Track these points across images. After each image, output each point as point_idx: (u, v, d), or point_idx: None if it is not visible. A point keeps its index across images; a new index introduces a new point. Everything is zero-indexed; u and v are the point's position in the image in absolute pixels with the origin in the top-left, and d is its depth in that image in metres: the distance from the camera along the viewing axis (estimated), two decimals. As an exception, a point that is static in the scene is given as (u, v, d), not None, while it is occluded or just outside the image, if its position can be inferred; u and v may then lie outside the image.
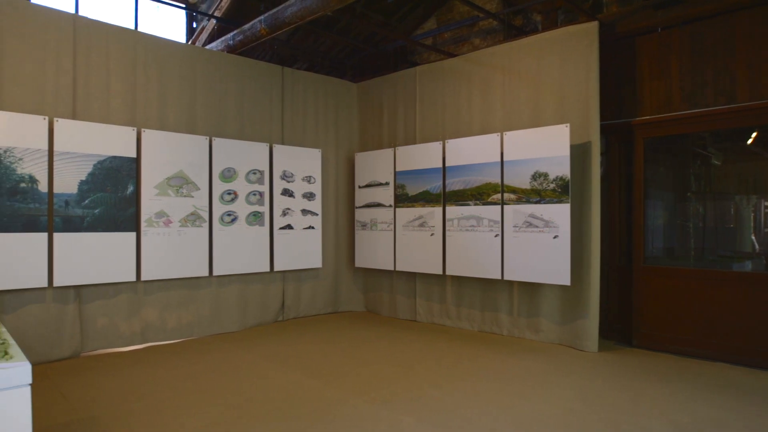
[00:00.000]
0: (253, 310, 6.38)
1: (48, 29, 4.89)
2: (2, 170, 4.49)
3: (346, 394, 3.92)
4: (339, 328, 6.30)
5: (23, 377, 1.93)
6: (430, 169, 6.32)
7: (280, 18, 5.51)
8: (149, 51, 5.53)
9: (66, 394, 3.94)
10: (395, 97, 7.06)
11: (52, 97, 4.89)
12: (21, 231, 4.59)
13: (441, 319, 6.49)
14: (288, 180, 6.56)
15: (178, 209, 5.53)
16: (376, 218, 6.96)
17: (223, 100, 6.11)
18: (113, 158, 5.10)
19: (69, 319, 4.95)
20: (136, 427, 3.30)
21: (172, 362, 4.83)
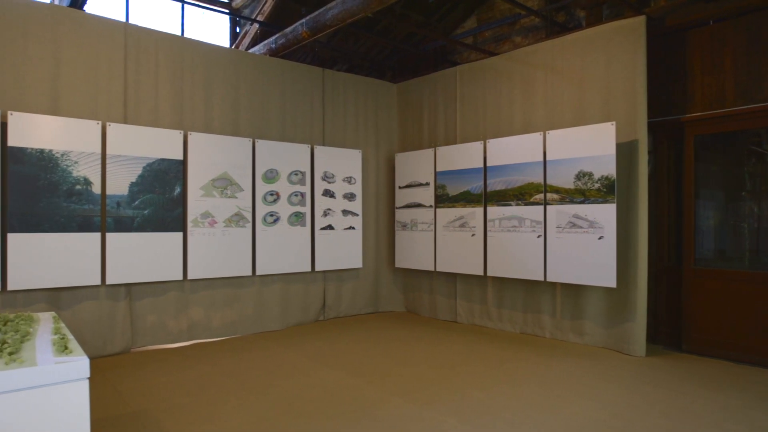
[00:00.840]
0: (295, 310, 6.47)
1: (101, 38, 5.08)
2: (60, 173, 4.70)
3: (388, 394, 3.93)
4: (379, 328, 6.32)
5: (82, 371, 2.01)
6: (470, 169, 6.27)
7: (321, 21, 5.57)
8: (195, 56, 5.69)
9: (118, 387, 4.09)
10: (435, 97, 7.03)
11: (105, 102, 5.08)
12: (76, 231, 4.80)
13: (482, 320, 6.43)
14: (329, 181, 6.62)
15: (222, 210, 5.67)
16: (416, 219, 6.95)
17: (265, 103, 6.23)
18: (161, 160, 5.27)
19: (120, 316, 5.13)
20: (185, 422, 3.40)
21: (217, 359, 4.95)
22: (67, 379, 1.98)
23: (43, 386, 1.94)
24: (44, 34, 4.78)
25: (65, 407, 1.99)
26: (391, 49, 8.60)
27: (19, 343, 2.17)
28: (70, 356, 2.05)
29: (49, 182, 4.66)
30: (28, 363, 1.94)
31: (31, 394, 1.92)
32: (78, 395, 2.00)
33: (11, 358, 1.95)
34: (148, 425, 3.35)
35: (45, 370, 1.93)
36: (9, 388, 1.88)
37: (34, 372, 1.91)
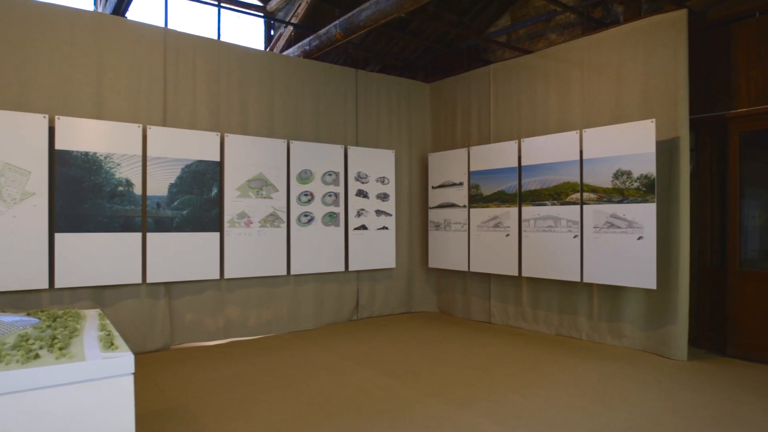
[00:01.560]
0: (329, 309, 6.52)
1: (142, 44, 5.23)
2: (103, 175, 4.86)
3: (422, 394, 3.93)
4: (413, 328, 6.32)
5: (127, 366, 2.07)
6: (505, 168, 6.21)
7: (355, 22, 5.60)
8: (231, 59, 5.80)
9: (159, 383, 4.20)
10: (469, 96, 6.99)
11: (146, 105, 5.23)
12: (119, 231, 4.95)
13: (516, 321, 6.35)
14: (362, 181, 6.66)
15: (258, 210, 5.76)
16: (450, 219, 6.92)
17: (299, 104, 6.30)
18: (199, 162, 5.39)
19: (160, 314, 5.27)
20: (223, 418, 3.47)
21: (253, 357, 5.03)
22: (114, 374, 2.04)
23: (91, 381, 2.01)
24: (89, 41, 4.94)
25: (111, 401, 2.05)
26: (423, 49, 8.59)
27: (68, 338, 2.26)
28: (116, 352, 2.12)
29: (94, 184, 4.82)
30: (77, 358, 2.01)
31: (79, 387, 1.99)
32: (123, 390, 2.07)
33: (61, 353, 2.03)
34: (188, 420, 3.43)
35: (93, 365, 2.00)
36: (59, 381, 1.96)
37: (82, 367, 1.98)
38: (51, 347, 2.11)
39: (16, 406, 1.90)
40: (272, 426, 3.34)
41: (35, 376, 1.92)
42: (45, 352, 2.07)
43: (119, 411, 2.08)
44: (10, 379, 1.89)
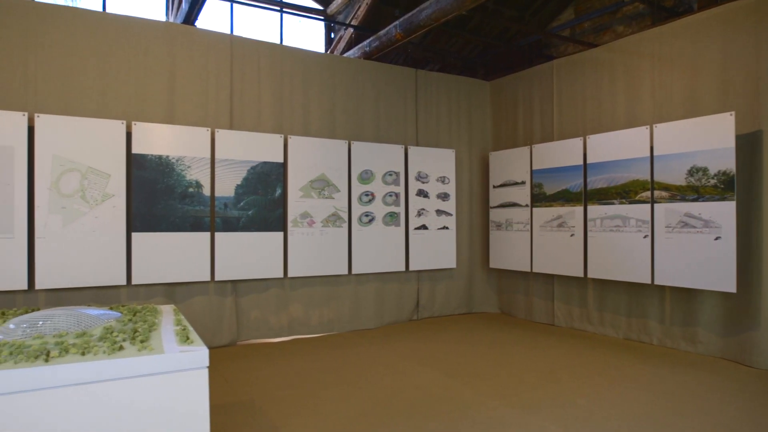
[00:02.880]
0: (390, 309, 6.55)
1: (210, 50, 5.44)
2: (175, 177, 5.09)
3: (486, 396, 3.87)
4: (474, 329, 6.25)
5: (202, 360, 2.16)
6: (569, 166, 6.03)
7: (415, 21, 5.60)
8: (294, 63, 5.93)
9: (227, 377, 4.35)
10: (530, 93, 6.83)
11: (214, 110, 5.43)
12: (189, 230, 5.16)
13: (582, 324, 6.16)
14: (423, 181, 6.64)
15: (320, 210, 5.86)
16: (512, 218, 6.79)
17: (360, 105, 6.36)
18: (264, 163, 5.54)
19: (227, 311, 5.46)
20: (289, 413, 3.55)
21: (316, 355, 5.12)
22: (190, 366, 2.13)
23: (170, 372, 2.10)
24: (161, 50, 5.19)
25: (187, 393, 2.14)
26: (483, 47, 8.48)
27: (147, 332, 2.37)
28: (191, 346, 2.21)
29: (166, 186, 5.05)
30: (157, 351, 2.12)
31: (158, 378, 2.09)
32: (199, 382, 2.16)
33: (143, 345, 2.14)
34: (255, 414, 3.53)
35: (171, 357, 2.10)
36: (141, 372, 2.06)
37: (162, 359, 2.08)
38: (133, 340, 2.22)
39: (102, 395, 2.02)
40: (337, 422, 3.38)
41: (120, 367, 2.03)
42: (128, 344, 2.19)
43: (195, 402, 2.16)
44: (98, 369, 2.00)
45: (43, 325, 2.37)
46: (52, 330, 2.33)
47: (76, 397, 1.98)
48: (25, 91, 4.61)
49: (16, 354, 1.98)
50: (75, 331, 2.34)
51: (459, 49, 8.61)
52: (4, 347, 2.05)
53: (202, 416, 2.18)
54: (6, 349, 2.02)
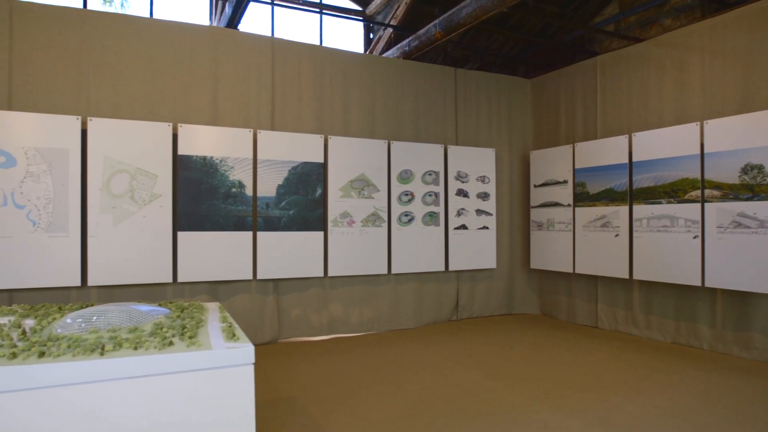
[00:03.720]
0: (429, 309, 6.53)
1: (252, 53, 5.54)
2: (219, 177, 5.20)
3: (528, 398, 3.81)
4: (514, 331, 6.16)
5: (248, 357, 2.20)
6: (613, 165, 5.88)
7: (455, 20, 5.56)
8: (334, 63, 5.98)
9: (269, 374, 4.42)
10: (573, 90, 6.69)
11: (255, 111, 5.53)
12: (232, 230, 5.27)
13: (627, 327, 5.99)
14: (462, 180, 6.60)
15: (360, 210, 5.89)
16: (553, 218, 6.67)
17: (399, 105, 6.37)
18: (305, 164, 5.61)
19: (269, 309, 5.55)
20: (330, 410, 3.58)
21: (356, 354, 5.15)
22: (236, 363, 2.17)
23: (217, 368, 2.15)
24: (205, 53, 5.31)
25: (234, 388, 2.19)
26: (524, 44, 8.36)
27: (195, 328, 2.43)
28: (237, 342, 2.25)
29: (210, 186, 5.17)
30: (205, 347, 2.17)
31: (206, 374, 2.14)
32: (245, 378, 2.20)
33: (191, 341, 2.19)
34: (297, 411, 3.58)
35: (218, 353, 2.14)
36: (189, 367, 2.12)
37: (210, 355, 2.13)
38: (182, 336, 2.28)
39: (153, 388, 2.08)
40: (377, 421, 3.39)
41: (170, 362, 2.09)
42: (177, 340, 2.25)
43: (241, 398, 2.21)
44: (149, 363, 2.07)
45: (97, 320, 2.46)
46: (105, 325, 2.42)
47: (128, 389, 2.04)
48: (78, 95, 4.80)
49: (74, 347, 2.07)
50: (127, 326, 2.42)
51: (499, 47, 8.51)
52: (62, 340, 2.14)
53: (247, 411, 2.22)
54: (64, 342, 2.11)
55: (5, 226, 4.42)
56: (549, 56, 8.28)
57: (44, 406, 1.94)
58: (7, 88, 4.56)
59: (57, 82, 4.73)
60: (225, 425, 2.17)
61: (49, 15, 4.74)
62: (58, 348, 2.06)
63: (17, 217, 4.46)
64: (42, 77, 4.68)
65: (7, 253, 4.43)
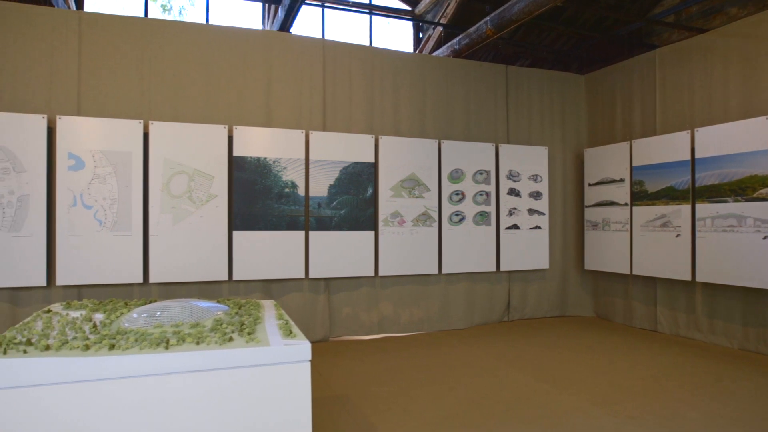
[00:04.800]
0: (479, 309, 6.45)
1: (303, 55, 5.63)
2: (272, 178, 5.32)
3: (584, 402, 3.71)
4: (568, 333, 6.01)
5: (304, 354, 2.24)
6: (674, 162, 5.64)
7: (507, 16, 5.47)
8: (384, 64, 6.00)
9: (321, 372, 4.48)
10: (630, 85, 6.46)
11: (308, 112, 5.62)
12: (285, 229, 5.37)
13: (688, 331, 5.73)
14: (514, 179, 6.49)
15: (410, 209, 5.89)
16: (609, 217, 6.46)
17: (450, 104, 6.32)
18: (355, 164, 5.65)
19: (320, 308, 5.62)
20: (382, 409, 3.59)
21: (406, 353, 5.15)
22: (293, 359, 2.21)
23: (274, 364, 2.20)
24: (259, 57, 5.44)
25: (291, 384, 2.23)
26: (577, 39, 8.14)
27: (253, 325, 2.50)
28: (294, 339, 2.29)
29: (264, 186, 5.29)
30: (263, 343, 2.22)
31: (264, 369, 2.19)
32: (302, 375, 2.23)
33: (250, 337, 2.25)
34: (350, 409, 3.61)
35: (276, 350, 2.19)
36: (248, 363, 2.17)
37: (268, 351, 2.17)
38: (241, 332, 2.34)
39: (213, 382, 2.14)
40: (430, 421, 3.38)
41: (230, 357, 2.15)
42: (236, 335, 2.31)
43: (297, 394, 2.24)
44: (210, 358, 2.13)
45: (160, 316, 2.56)
46: (168, 320, 2.51)
47: (190, 383, 2.12)
48: (140, 100, 5.01)
49: (141, 341, 2.15)
50: (189, 321, 2.50)
51: (551, 43, 8.32)
52: (130, 334, 2.23)
53: (304, 408, 2.25)
54: (132, 336, 2.21)
55: (75, 226, 4.67)
56: (604, 51, 8.04)
57: (114, 397, 2.03)
58: (76, 94, 4.81)
59: (121, 88, 4.96)
60: (282, 420, 2.22)
61: (113, 24, 4.96)
62: (127, 341, 2.15)
63: (85, 217, 4.70)
64: (107, 84, 4.92)
65: (76, 251, 4.67)
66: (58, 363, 1.97)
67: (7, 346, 2.05)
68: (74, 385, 2.00)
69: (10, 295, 4.61)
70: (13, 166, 4.52)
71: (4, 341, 2.10)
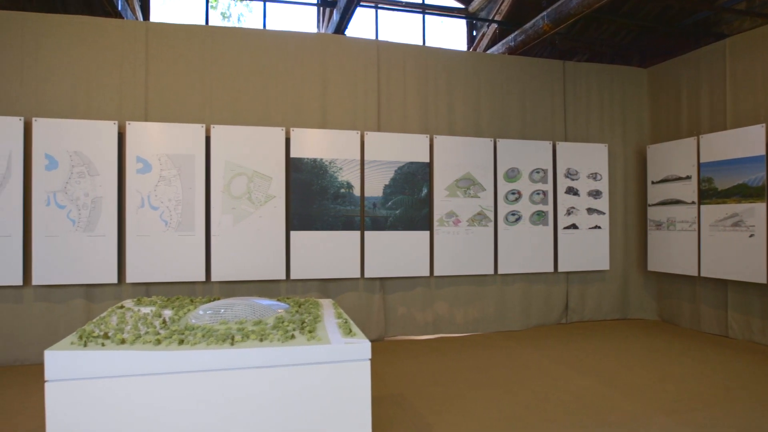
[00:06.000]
0: (536, 311, 6.32)
1: (358, 57, 5.68)
2: (328, 179, 5.40)
3: (651, 410, 3.57)
4: (630, 337, 5.79)
5: (365, 352, 2.26)
6: (747, 158, 5.34)
7: (565, 11, 5.34)
8: (437, 63, 5.98)
9: (376, 371, 4.50)
10: (697, 78, 6.16)
11: (362, 113, 5.67)
12: (341, 229, 5.44)
13: (764, 337, 5.41)
14: (572, 178, 6.32)
15: (465, 209, 5.84)
16: (674, 217, 6.19)
17: (505, 102, 6.23)
18: (410, 164, 5.66)
19: (375, 307, 5.66)
20: (439, 410, 3.58)
21: (462, 354, 5.10)
22: (354, 358, 2.24)
23: (335, 362, 2.23)
24: (315, 60, 5.54)
25: (351, 382, 2.25)
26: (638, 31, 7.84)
27: (313, 323, 2.54)
28: (354, 338, 2.32)
29: (320, 187, 5.37)
30: (324, 341, 2.25)
31: (325, 367, 2.23)
32: (362, 373, 2.26)
33: (311, 335, 2.29)
34: (407, 408, 3.61)
35: (337, 348, 2.22)
36: (310, 360, 2.21)
37: (329, 349, 2.21)
38: (302, 330, 2.39)
39: (276, 379, 2.20)
40: (488, 424, 3.34)
41: (292, 354, 2.20)
42: (297, 333, 2.36)
43: (357, 392, 2.27)
44: (273, 355, 2.19)
45: (224, 313, 2.65)
46: (232, 317, 2.59)
47: (254, 378, 2.18)
48: (202, 105, 5.20)
49: (208, 337, 2.24)
50: (251, 319, 2.58)
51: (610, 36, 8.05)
52: (197, 330, 2.32)
53: (363, 406, 2.28)
54: (199, 332, 2.29)
55: (143, 226, 4.90)
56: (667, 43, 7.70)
57: (183, 389, 2.12)
58: (144, 101, 5.05)
59: (184, 94, 5.16)
60: (342, 418, 2.25)
61: (177, 33, 5.18)
62: (195, 337, 2.24)
63: (152, 218, 4.92)
64: (172, 90, 5.13)
65: (144, 250, 4.90)
66: (133, 356, 2.08)
67: (87, 339, 2.18)
68: (147, 377, 2.10)
69: (85, 291, 4.89)
70: (88, 170, 4.79)
71: (84, 335, 2.23)
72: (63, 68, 4.88)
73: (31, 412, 3.51)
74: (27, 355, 4.74)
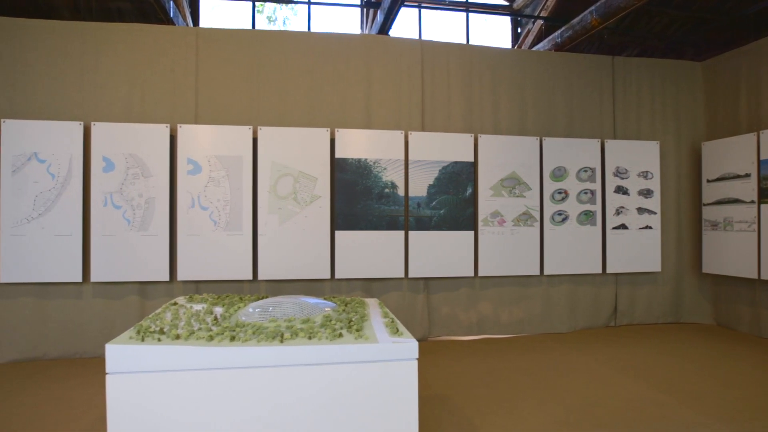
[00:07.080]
0: (583, 313, 6.17)
1: (402, 57, 5.69)
2: (372, 179, 5.42)
3: (709, 418, 3.43)
4: (684, 341, 5.58)
5: (412, 352, 2.26)
6: (811, 154, 5.06)
7: (614, 4, 5.20)
8: (482, 61, 5.92)
9: (421, 371, 4.48)
10: (757, 70, 5.88)
11: (407, 113, 5.67)
12: (385, 229, 5.46)
13: (831, 343, 5.12)
14: (621, 177, 6.14)
15: (511, 209, 5.76)
16: (732, 217, 5.92)
17: (551, 100, 6.11)
18: (455, 163, 5.63)
19: (419, 307, 5.65)
20: (486, 411, 3.54)
21: (507, 355, 5.04)
22: (401, 357, 2.25)
23: (383, 361, 2.24)
24: (359, 61, 5.58)
25: (398, 382, 2.26)
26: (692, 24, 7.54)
27: (360, 322, 2.56)
28: (402, 338, 2.33)
29: (365, 187, 5.41)
30: (371, 340, 2.27)
31: (373, 366, 2.24)
32: (409, 372, 2.26)
33: (359, 334, 2.31)
34: (453, 409, 3.60)
35: (384, 347, 2.23)
36: (357, 359, 2.23)
37: (377, 348, 2.22)
38: (349, 328, 2.41)
39: (324, 377, 2.23)
40: (535, 427, 3.29)
41: (340, 352, 2.22)
42: (345, 332, 2.38)
43: (405, 391, 2.27)
44: (322, 353, 2.22)
45: (273, 311, 2.70)
46: (281, 315, 2.64)
47: (303, 376, 2.21)
48: (250, 107, 5.32)
49: (258, 334, 2.29)
50: (300, 317, 2.62)
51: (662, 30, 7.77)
52: (248, 327, 2.38)
53: (411, 405, 2.28)
54: (250, 329, 2.35)
55: (193, 226, 5.05)
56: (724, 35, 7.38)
57: (234, 385, 2.17)
58: (194, 104, 5.20)
59: (232, 96, 5.29)
60: (389, 417, 2.26)
61: (226, 38, 5.31)
62: (245, 334, 2.29)
63: (202, 218, 5.07)
64: (221, 93, 5.27)
65: (194, 249, 5.05)
66: (187, 351, 2.15)
67: (144, 334, 2.26)
68: (200, 372, 2.16)
69: (139, 288, 5.08)
70: (142, 172, 4.97)
71: (141, 330, 2.32)
72: (119, 74, 5.09)
73: (93, 402, 3.67)
74: (86, 348, 4.97)
